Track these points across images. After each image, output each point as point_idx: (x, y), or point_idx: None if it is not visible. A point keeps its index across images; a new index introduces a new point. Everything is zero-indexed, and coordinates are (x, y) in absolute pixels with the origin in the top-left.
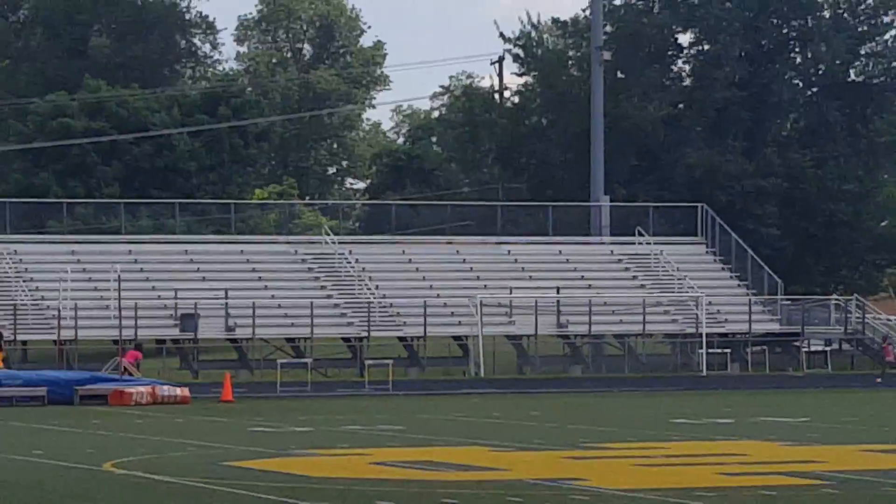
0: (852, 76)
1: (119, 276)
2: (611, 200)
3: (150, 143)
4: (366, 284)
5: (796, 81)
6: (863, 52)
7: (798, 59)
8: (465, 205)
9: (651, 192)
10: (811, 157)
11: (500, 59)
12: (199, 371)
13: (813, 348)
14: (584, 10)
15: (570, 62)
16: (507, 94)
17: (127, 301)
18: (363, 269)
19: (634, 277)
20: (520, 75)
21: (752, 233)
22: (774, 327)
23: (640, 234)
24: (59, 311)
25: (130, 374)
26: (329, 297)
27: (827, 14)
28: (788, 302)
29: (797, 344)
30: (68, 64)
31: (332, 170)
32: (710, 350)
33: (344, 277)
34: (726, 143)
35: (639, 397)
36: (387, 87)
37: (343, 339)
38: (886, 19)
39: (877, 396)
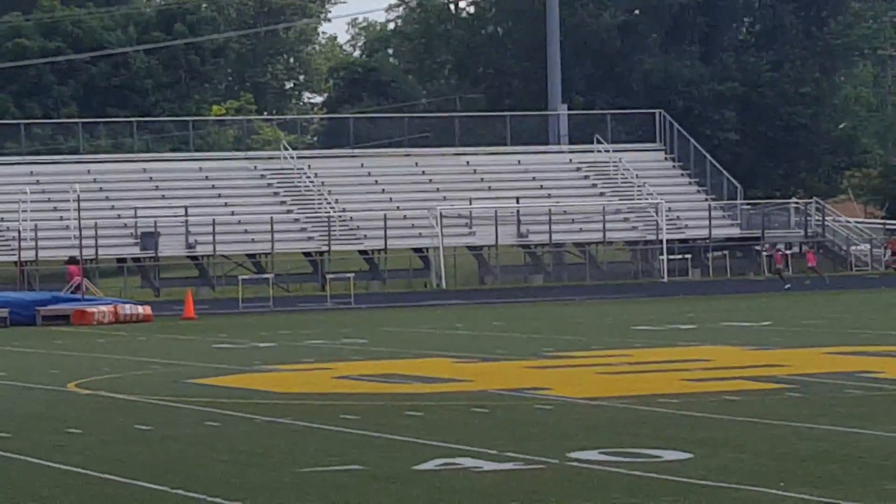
0: None
1: (78, 196)
2: (568, 109)
3: (107, 61)
4: (325, 199)
5: None
6: None
7: None
8: (423, 116)
9: (609, 100)
10: (767, 60)
11: None
12: (160, 289)
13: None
14: None
15: None
16: (462, 4)
17: (87, 221)
18: (322, 183)
19: (594, 185)
20: None
21: (711, 138)
22: (735, 232)
23: (599, 142)
24: (19, 232)
25: (91, 294)
26: (289, 212)
27: None
28: (748, 206)
29: (758, 248)
30: None
31: (289, 84)
32: (671, 256)
33: (303, 192)
34: (683, 48)
35: (600, 305)
36: (342, 1)
37: (304, 253)
38: None
39: (839, 298)
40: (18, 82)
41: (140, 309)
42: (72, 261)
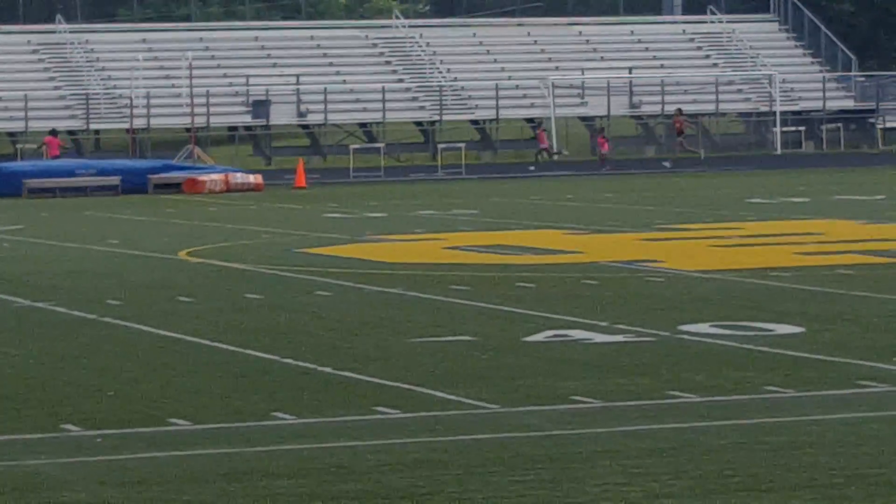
0: None
1: (190, 64)
2: None
3: None
4: (437, 68)
5: None
6: None
7: None
8: None
9: None
10: None
11: None
12: (271, 158)
13: (888, 125)
14: None
15: None
16: None
17: (198, 89)
18: (434, 52)
19: (707, 56)
20: None
21: (826, 8)
22: (849, 104)
23: (713, 13)
24: (131, 99)
25: (204, 162)
26: (401, 80)
27: None
28: (863, 78)
29: (872, 121)
30: None
31: None
32: (784, 128)
33: (415, 61)
34: None
35: (713, 177)
36: None
37: (415, 123)
38: None
39: None
40: None
41: (251, 177)
42: (52, 133)
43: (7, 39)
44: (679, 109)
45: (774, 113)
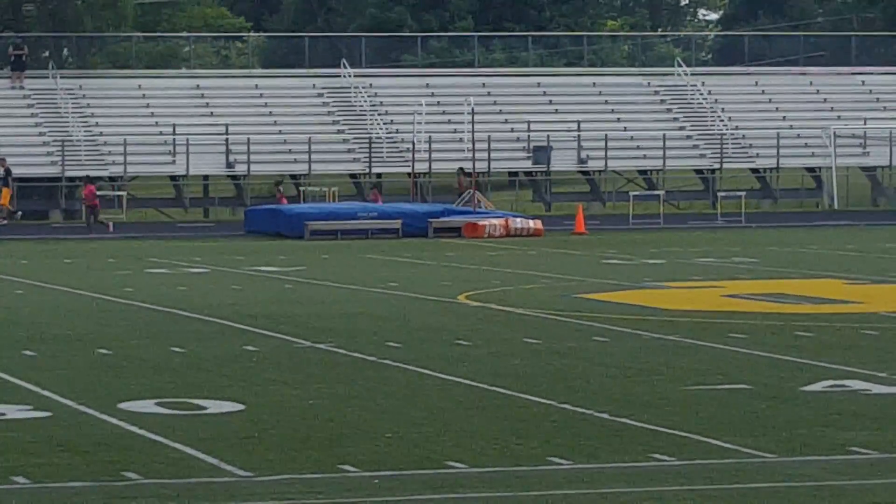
0: None
1: (472, 109)
2: None
3: None
4: (718, 116)
5: None
6: None
7: None
8: (819, 35)
9: None
10: None
11: None
12: (551, 203)
13: None
14: None
15: None
16: None
17: (480, 133)
18: (715, 100)
19: None
20: None
21: None
22: None
23: None
24: (413, 143)
25: (483, 207)
26: (681, 128)
27: None
28: None
29: None
30: None
31: (684, 1)
32: None
33: (696, 109)
34: None
35: None
36: None
37: (695, 170)
38: None
39: None
40: None
41: (531, 223)
42: (88, 180)
43: (293, 83)
44: (461, 168)
45: None
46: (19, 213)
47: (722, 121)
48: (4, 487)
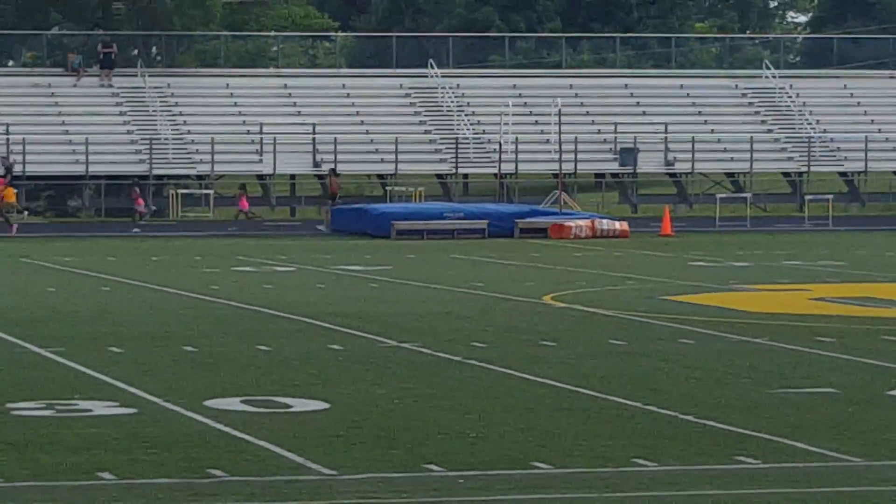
0: None
1: (559, 111)
2: None
3: None
4: (806, 118)
5: None
6: None
7: None
8: None
9: None
10: None
11: None
12: (637, 205)
13: None
14: None
15: None
16: None
17: (567, 135)
18: (803, 103)
19: None
20: None
21: None
22: None
23: None
24: (499, 144)
25: (570, 209)
26: (769, 131)
27: None
28: None
29: None
30: None
31: (773, 3)
32: None
33: (784, 111)
34: None
35: None
36: None
37: (783, 174)
38: None
39: None
40: None
41: (617, 224)
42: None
43: (381, 83)
44: (332, 170)
45: None
46: (26, 212)
47: (810, 123)
48: (90, 483)
